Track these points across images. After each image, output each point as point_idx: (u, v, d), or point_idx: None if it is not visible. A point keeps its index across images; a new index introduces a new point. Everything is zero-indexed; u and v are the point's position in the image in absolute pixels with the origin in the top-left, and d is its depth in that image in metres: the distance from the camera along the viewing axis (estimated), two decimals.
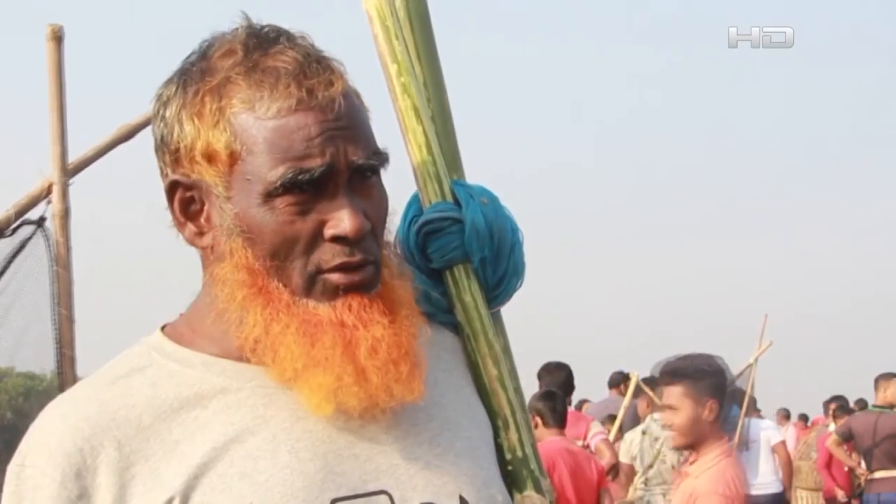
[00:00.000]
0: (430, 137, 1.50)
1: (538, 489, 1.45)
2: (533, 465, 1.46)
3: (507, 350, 1.52)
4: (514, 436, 1.46)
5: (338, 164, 1.30)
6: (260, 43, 1.32)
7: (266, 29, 1.35)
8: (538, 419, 6.36)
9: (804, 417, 18.35)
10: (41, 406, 1.35)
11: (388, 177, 1.46)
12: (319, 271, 1.31)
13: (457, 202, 1.49)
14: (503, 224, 1.50)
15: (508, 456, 1.46)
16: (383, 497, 1.31)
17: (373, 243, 1.33)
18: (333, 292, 1.31)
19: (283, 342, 1.30)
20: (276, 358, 1.31)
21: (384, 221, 1.37)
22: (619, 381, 10.61)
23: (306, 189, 1.29)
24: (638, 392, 9.42)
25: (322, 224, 1.30)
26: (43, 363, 5.26)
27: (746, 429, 10.27)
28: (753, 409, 10.94)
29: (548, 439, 6.27)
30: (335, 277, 1.31)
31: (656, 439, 8.34)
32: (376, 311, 1.32)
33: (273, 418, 1.32)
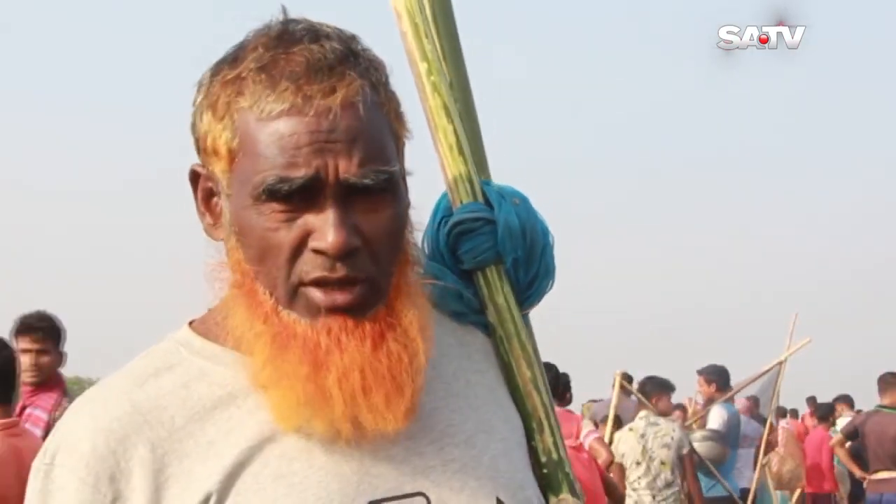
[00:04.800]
0: (460, 137, 1.48)
1: (573, 492, 1.44)
2: (567, 468, 1.45)
3: (536, 353, 1.49)
4: (548, 438, 1.45)
5: (325, 176, 1.25)
6: (282, 41, 1.29)
7: (300, 25, 1.30)
8: None
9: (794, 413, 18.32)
10: None
11: (415, 177, 1.44)
12: (301, 283, 1.27)
13: (487, 203, 1.47)
14: (535, 225, 1.48)
15: (543, 459, 1.44)
16: (420, 499, 1.30)
17: (367, 261, 1.27)
18: (316, 310, 1.27)
19: (255, 350, 1.29)
20: (253, 362, 1.29)
21: (393, 238, 1.30)
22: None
23: (292, 198, 1.25)
24: (629, 392, 9.46)
25: (307, 235, 1.26)
26: None
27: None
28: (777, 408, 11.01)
29: None
30: (316, 295, 1.27)
31: (642, 436, 8.37)
32: (358, 335, 1.27)
33: None
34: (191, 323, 1.40)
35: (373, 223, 1.28)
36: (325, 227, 1.25)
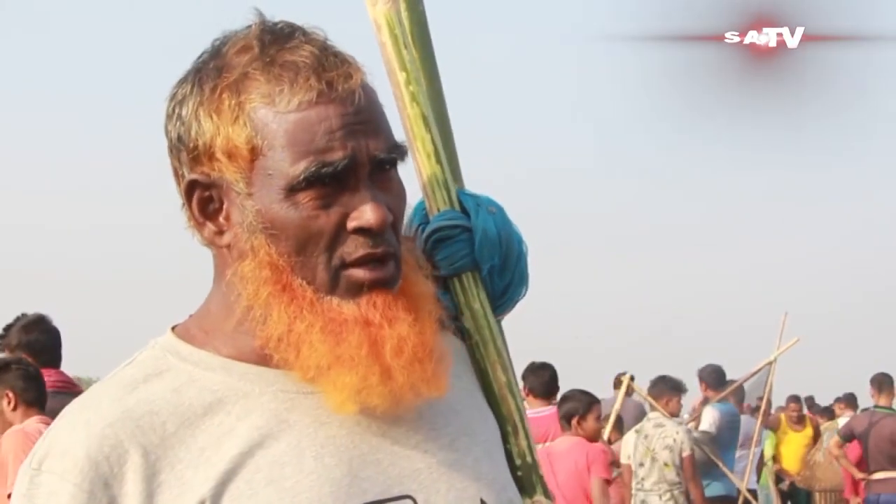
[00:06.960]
0: (437, 146, 1.51)
1: (546, 494, 1.48)
2: (541, 471, 1.49)
3: (509, 358, 1.52)
4: (523, 442, 1.48)
5: (360, 157, 1.30)
6: (276, 38, 1.32)
7: (280, 25, 1.35)
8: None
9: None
10: None
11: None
12: (343, 265, 1.31)
13: (463, 211, 1.50)
14: (510, 233, 1.51)
15: (518, 461, 1.47)
16: (408, 501, 1.32)
17: (393, 236, 1.34)
18: (358, 289, 1.31)
19: (307, 340, 1.30)
20: (300, 356, 1.30)
21: (402, 215, 1.38)
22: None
23: (328, 183, 1.30)
24: (631, 393, 9.48)
25: (345, 217, 1.30)
26: None
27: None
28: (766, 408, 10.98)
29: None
30: (359, 273, 1.31)
31: (646, 437, 8.39)
32: (401, 308, 1.32)
33: (296, 423, 1.32)
34: (173, 328, 1.40)
35: (391, 198, 1.34)
36: (364, 206, 1.30)
